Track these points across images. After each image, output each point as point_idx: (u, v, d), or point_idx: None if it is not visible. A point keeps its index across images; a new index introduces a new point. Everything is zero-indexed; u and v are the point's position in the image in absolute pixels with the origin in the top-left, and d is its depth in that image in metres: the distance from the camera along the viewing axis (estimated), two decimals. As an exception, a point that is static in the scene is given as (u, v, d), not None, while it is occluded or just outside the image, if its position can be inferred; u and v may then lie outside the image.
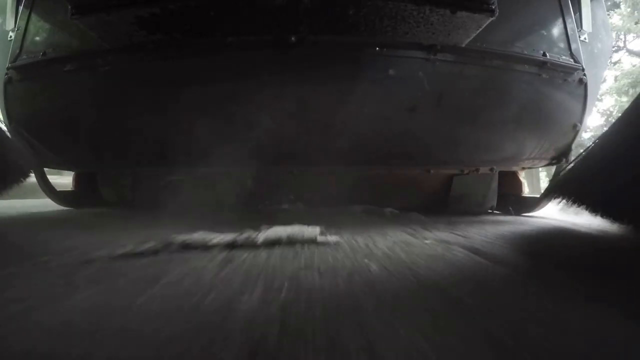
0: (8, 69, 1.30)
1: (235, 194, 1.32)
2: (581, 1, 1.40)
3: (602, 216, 1.23)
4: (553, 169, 1.66)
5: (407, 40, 1.14)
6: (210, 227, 0.86)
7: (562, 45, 1.34)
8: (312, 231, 0.85)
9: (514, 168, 1.63)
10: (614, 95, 9.33)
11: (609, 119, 9.22)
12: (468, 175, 1.52)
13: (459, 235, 0.98)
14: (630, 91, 8.56)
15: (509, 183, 1.69)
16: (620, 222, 1.16)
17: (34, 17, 1.27)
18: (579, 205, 1.30)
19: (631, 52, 9.62)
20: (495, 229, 1.11)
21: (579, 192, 1.33)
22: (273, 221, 0.92)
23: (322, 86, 1.16)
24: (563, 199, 1.37)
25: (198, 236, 0.77)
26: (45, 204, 1.79)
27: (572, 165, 1.36)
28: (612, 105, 9.51)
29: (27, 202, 2.14)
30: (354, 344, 0.33)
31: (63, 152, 1.42)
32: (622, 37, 9.44)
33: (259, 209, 1.30)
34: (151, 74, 1.18)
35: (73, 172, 1.77)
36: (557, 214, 1.69)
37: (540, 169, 1.90)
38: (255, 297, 0.46)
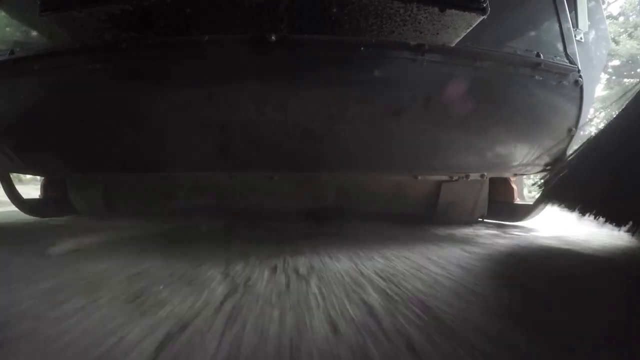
0: None
1: (211, 202, 1.27)
2: (577, -2, 1.35)
3: (600, 221, 1.18)
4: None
5: (394, 39, 1.08)
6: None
7: (557, 45, 1.28)
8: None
9: (506, 174, 1.57)
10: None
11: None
12: (457, 181, 1.47)
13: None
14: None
15: (501, 190, 1.64)
16: (620, 226, 1.11)
17: (0, 14, 1.21)
18: (573, 211, 1.26)
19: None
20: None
21: (573, 198, 1.29)
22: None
23: (303, 87, 1.10)
24: (557, 205, 1.33)
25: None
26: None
27: (565, 170, 1.31)
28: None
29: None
30: None
31: (31, 155, 1.37)
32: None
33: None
34: (124, 73, 1.12)
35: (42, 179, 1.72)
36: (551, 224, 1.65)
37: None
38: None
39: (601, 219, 1.09)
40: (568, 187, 1.29)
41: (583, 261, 1.05)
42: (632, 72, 9.85)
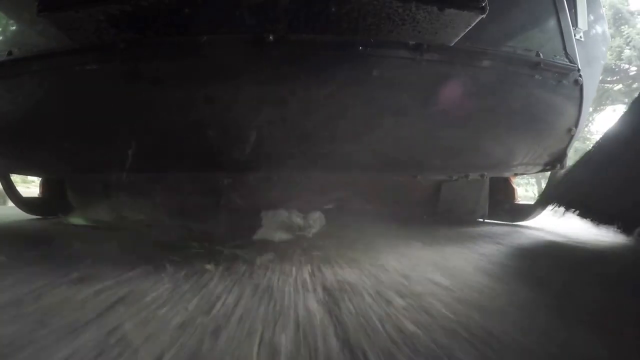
0: None
1: (207, 204, 1.26)
2: (576, -3, 1.35)
3: (600, 224, 1.18)
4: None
5: (392, 39, 1.08)
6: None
7: (557, 44, 1.27)
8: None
9: (506, 174, 1.57)
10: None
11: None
12: (457, 181, 1.46)
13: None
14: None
15: (501, 190, 1.63)
16: (620, 230, 1.11)
17: (-2, 14, 1.22)
18: (575, 212, 1.25)
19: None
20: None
21: (575, 199, 1.28)
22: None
23: (301, 88, 1.10)
24: (558, 205, 1.33)
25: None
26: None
27: (568, 170, 1.31)
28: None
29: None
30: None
31: (30, 155, 1.37)
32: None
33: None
34: (122, 74, 1.12)
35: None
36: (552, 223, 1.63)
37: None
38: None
39: (601, 222, 1.09)
40: (570, 188, 1.29)
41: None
42: (616, 78, 10.78)
